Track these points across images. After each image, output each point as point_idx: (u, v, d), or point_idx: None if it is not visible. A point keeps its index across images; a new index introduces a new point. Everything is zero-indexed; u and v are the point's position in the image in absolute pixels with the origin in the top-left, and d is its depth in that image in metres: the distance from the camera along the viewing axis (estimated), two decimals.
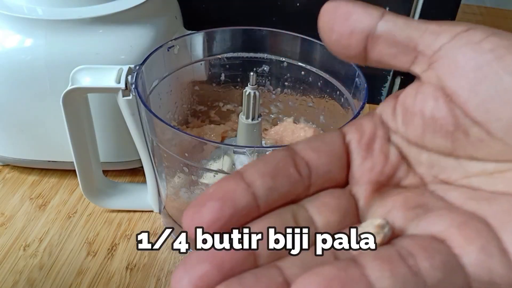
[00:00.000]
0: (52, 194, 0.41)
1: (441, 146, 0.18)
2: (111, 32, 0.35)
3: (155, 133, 0.32)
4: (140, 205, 0.39)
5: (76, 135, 0.33)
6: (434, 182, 0.19)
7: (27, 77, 0.35)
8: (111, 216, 0.39)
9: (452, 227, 0.16)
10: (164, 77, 0.36)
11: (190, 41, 0.37)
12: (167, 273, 0.35)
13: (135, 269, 0.35)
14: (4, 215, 0.39)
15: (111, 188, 0.39)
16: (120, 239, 0.37)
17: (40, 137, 0.39)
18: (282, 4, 0.49)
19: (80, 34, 0.35)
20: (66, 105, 0.32)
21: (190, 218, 0.16)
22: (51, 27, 0.34)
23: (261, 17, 0.51)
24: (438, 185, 0.18)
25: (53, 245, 0.36)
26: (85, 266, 0.35)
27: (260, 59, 0.39)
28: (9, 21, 0.35)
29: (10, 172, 0.42)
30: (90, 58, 0.35)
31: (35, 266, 0.35)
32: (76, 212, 0.39)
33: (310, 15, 0.45)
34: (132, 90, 0.31)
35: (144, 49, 0.36)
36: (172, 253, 0.36)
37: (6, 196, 0.40)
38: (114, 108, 0.33)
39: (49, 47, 0.35)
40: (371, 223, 0.17)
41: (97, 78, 0.32)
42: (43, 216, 0.39)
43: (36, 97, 0.36)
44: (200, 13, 0.50)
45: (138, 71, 0.32)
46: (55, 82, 0.35)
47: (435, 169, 0.19)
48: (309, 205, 0.18)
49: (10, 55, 0.35)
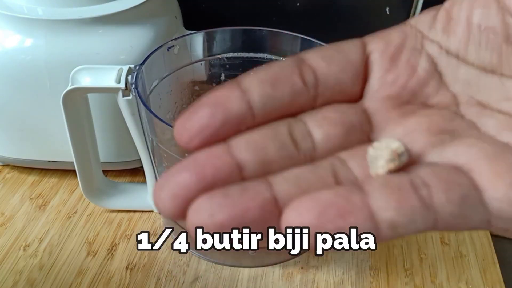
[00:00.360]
0: (52, 194, 0.41)
1: (485, 61, 0.16)
2: (111, 32, 0.35)
3: (155, 133, 0.32)
4: (140, 205, 0.39)
5: (76, 135, 0.33)
6: (468, 103, 0.16)
7: (27, 77, 0.35)
8: (111, 216, 0.39)
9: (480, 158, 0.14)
10: (164, 77, 0.36)
11: (190, 41, 0.37)
12: (167, 273, 0.35)
13: (135, 269, 0.35)
14: (4, 215, 0.39)
15: (111, 188, 0.39)
16: (120, 239, 0.37)
17: (40, 137, 0.39)
18: (282, 4, 0.49)
19: (80, 34, 0.35)
20: (66, 105, 0.32)
21: (180, 126, 0.15)
22: (51, 27, 0.34)
23: (261, 17, 0.51)
24: (473, 108, 0.16)
25: (53, 245, 0.36)
26: (85, 266, 0.35)
27: (260, 59, 0.39)
28: (9, 21, 0.35)
29: (10, 172, 0.42)
30: (90, 58, 0.35)
31: (35, 266, 0.35)
32: (76, 212, 0.39)
33: (310, 15, 0.45)
34: (132, 90, 0.31)
35: (144, 49, 0.36)
36: (172, 253, 0.36)
37: (6, 196, 0.40)
38: (114, 108, 0.33)
39: (49, 47, 0.34)
40: (387, 145, 0.14)
41: (97, 78, 0.32)
42: (43, 216, 0.39)
43: (36, 97, 0.36)
44: (200, 13, 0.50)
45: (138, 71, 0.32)
46: (55, 82, 0.35)
47: (472, 87, 0.16)
48: (309, 119, 0.16)
49: (10, 55, 0.35)
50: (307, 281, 0.34)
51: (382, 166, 0.14)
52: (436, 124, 0.16)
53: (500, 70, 0.16)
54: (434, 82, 0.17)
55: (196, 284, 0.34)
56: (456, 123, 0.16)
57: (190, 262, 0.35)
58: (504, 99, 0.16)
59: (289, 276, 0.35)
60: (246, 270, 0.35)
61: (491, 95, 0.16)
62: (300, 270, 0.35)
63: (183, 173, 0.14)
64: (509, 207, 0.13)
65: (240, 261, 0.35)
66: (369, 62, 0.17)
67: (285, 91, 0.16)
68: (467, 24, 0.16)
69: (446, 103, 0.17)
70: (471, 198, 0.14)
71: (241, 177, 0.15)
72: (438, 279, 0.35)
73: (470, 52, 0.16)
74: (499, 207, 0.13)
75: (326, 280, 0.34)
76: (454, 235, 0.38)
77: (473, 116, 0.16)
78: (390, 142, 0.14)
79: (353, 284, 0.34)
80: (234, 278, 0.34)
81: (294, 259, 0.36)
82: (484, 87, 0.16)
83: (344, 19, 0.47)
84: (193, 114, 0.15)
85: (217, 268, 0.35)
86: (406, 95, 0.17)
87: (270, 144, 0.15)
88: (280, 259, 0.36)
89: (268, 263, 0.35)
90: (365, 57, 0.17)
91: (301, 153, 0.15)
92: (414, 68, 0.17)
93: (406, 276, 0.35)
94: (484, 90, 0.16)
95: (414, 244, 0.37)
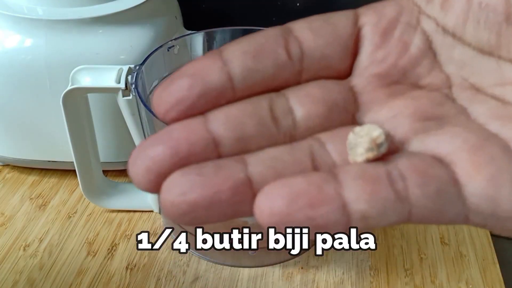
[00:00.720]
0: (52, 194, 0.41)
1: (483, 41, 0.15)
2: (111, 32, 0.35)
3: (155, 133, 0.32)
4: (140, 205, 0.39)
5: (76, 135, 0.33)
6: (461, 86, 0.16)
7: (27, 77, 0.35)
8: (111, 216, 0.39)
9: (462, 150, 0.13)
10: (164, 77, 0.36)
11: (190, 41, 0.37)
12: (167, 273, 0.35)
13: (135, 269, 0.35)
14: (4, 215, 0.39)
15: (111, 188, 0.39)
16: (120, 239, 0.37)
17: (40, 137, 0.39)
18: (282, 4, 0.49)
19: (80, 34, 0.35)
20: (66, 105, 0.32)
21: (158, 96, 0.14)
22: (51, 27, 0.34)
23: (261, 17, 0.51)
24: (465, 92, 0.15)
25: (53, 245, 0.36)
26: (85, 266, 0.35)
27: None
28: (9, 21, 0.35)
29: (10, 172, 0.42)
30: (90, 58, 0.35)
31: (35, 266, 0.35)
32: (76, 212, 0.39)
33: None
34: (132, 90, 0.31)
35: (144, 49, 0.36)
36: (172, 253, 0.36)
37: (6, 196, 0.40)
38: (114, 108, 0.33)
39: (49, 47, 0.34)
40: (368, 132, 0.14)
41: (97, 78, 0.32)
42: (43, 216, 0.39)
43: (36, 97, 0.36)
44: (200, 13, 0.50)
45: (138, 71, 0.32)
46: (55, 82, 0.35)
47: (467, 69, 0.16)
48: (291, 95, 0.15)
49: (10, 55, 0.35)
50: (307, 281, 0.34)
51: (361, 154, 0.14)
52: (423, 109, 0.15)
53: (498, 52, 0.15)
54: (427, 62, 0.16)
55: (196, 284, 0.34)
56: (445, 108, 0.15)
57: (190, 262, 0.35)
58: (499, 84, 0.15)
59: (289, 276, 0.35)
60: (246, 270, 0.35)
61: (486, 78, 0.15)
62: (300, 270, 0.35)
63: (157, 147, 0.14)
64: (487, 203, 0.13)
65: (240, 261, 0.35)
66: (360, 36, 0.16)
67: (268, 64, 0.15)
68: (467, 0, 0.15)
69: (438, 85, 0.16)
70: (448, 192, 0.13)
71: (217, 153, 0.14)
72: (438, 279, 0.35)
73: (467, 31, 0.15)
74: (477, 202, 0.13)
75: (326, 280, 0.34)
76: (454, 235, 0.38)
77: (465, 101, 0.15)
78: (372, 129, 0.14)
79: (353, 284, 0.34)
80: (234, 278, 0.34)
81: (294, 259, 0.36)
82: (479, 70, 0.15)
83: None
84: (171, 85, 0.14)
85: (217, 268, 0.35)
86: (396, 74, 0.16)
87: (249, 120, 0.14)
88: (280, 259, 0.35)
89: (268, 263, 0.35)
90: (356, 31, 0.16)
91: (281, 131, 0.15)
92: (406, 45, 0.16)
93: (406, 276, 0.35)
94: (479, 72, 0.15)
95: (414, 244, 0.37)
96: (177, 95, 0.14)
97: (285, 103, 0.15)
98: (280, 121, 0.15)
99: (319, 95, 0.15)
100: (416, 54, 0.16)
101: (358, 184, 0.13)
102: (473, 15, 0.15)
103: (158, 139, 0.14)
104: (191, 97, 0.14)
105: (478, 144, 0.13)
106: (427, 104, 0.15)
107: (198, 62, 0.15)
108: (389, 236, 0.38)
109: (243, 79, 0.15)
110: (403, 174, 0.13)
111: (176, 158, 0.13)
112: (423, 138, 0.14)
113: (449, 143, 0.14)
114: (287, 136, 0.15)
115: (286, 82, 0.15)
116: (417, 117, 0.15)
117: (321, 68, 0.16)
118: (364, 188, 0.13)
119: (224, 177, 0.13)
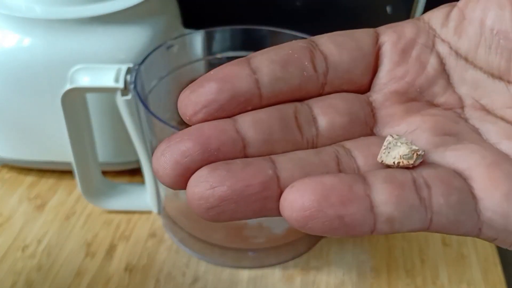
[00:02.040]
0: (50, 195, 0.40)
1: (494, 65, 0.16)
2: (110, 31, 0.35)
3: (154, 133, 0.32)
4: (139, 206, 0.39)
5: (74, 135, 0.33)
6: (473, 106, 0.16)
7: (26, 77, 0.35)
8: (110, 217, 0.39)
9: (480, 166, 0.14)
10: (163, 76, 0.36)
11: (190, 40, 0.37)
12: (166, 274, 0.34)
13: (134, 270, 0.35)
14: (2, 216, 0.38)
15: (110, 188, 0.39)
16: (119, 240, 0.37)
17: (39, 137, 0.39)
18: (282, 4, 0.49)
19: (79, 34, 0.34)
20: (65, 105, 0.31)
21: (186, 97, 0.15)
22: (49, 26, 0.34)
23: (261, 16, 0.50)
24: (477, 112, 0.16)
25: (51, 246, 0.36)
26: (83, 267, 0.35)
27: None
28: (7, 20, 0.34)
29: (8, 172, 0.42)
30: (88, 57, 0.34)
31: (34, 267, 0.35)
32: (74, 213, 0.39)
33: (310, 15, 0.45)
34: (131, 89, 0.31)
35: (143, 48, 0.36)
36: (172, 254, 0.36)
37: (4, 197, 0.40)
38: (113, 108, 0.33)
39: (48, 47, 0.34)
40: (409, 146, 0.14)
41: (96, 78, 0.31)
42: (42, 217, 0.38)
43: (34, 96, 0.36)
44: (199, 12, 0.50)
45: (137, 70, 0.31)
46: (54, 81, 0.35)
47: (478, 91, 0.16)
48: (315, 105, 0.16)
49: (8, 54, 0.35)
50: (307, 282, 0.34)
51: (394, 157, 0.14)
52: (440, 125, 0.16)
53: (507, 77, 0.16)
54: (442, 82, 0.17)
55: (195, 286, 0.34)
56: (459, 126, 0.16)
57: (190, 263, 0.35)
58: (508, 107, 0.16)
59: (289, 277, 0.34)
60: (246, 271, 0.35)
61: (497, 100, 0.16)
62: (301, 271, 0.35)
63: (187, 142, 0.14)
64: (501, 218, 0.14)
65: (239, 262, 0.35)
66: (380, 54, 0.17)
67: (295, 75, 0.16)
68: (480, 26, 0.16)
69: (452, 104, 0.17)
70: (468, 204, 0.14)
71: (244, 154, 0.14)
72: (439, 280, 0.35)
73: (479, 55, 0.16)
74: (491, 217, 0.14)
75: (326, 282, 0.34)
76: (455, 236, 0.38)
77: (476, 121, 0.16)
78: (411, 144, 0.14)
79: (354, 285, 0.34)
80: (234, 280, 0.34)
81: (294, 260, 0.35)
82: (490, 92, 0.16)
83: (345, 18, 0.47)
84: (200, 87, 0.15)
85: (216, 269, 0.35)
86: (413, 91, 0.17)
87: (275, 125, 0.15)
88: (280, 260, 0.35)
89: (268, 264, 0.35)
90: (377, 48, 0.17)
91: (304, 138, 0.15)
92: (423, 65, 0.17)
93: (407, 277, 0.35)
94: (489, 94, 0.16)
95: (415, 245, 0.37)
96: (206, 98, 0.15)
97: (308, 112, 0.16)
98: (304, 129, 0.15)
99: (341, 106, 0.16)
100: (432, 74, 0.17)
101: (386, 188, 0.13)
102: (485, 41, 0.15)
103: (188, 134, 0.14)
104: (220, 101, 0.15)
105: (495, 161, 0.14)
106: (443, 121, 0.16)
107: (227, 68, 0.15)
108: (390, 237, 0.38)
109: (271, 87, 0.15)
110: (427, 183, 0.14)
111: (206, 154, 0.14)
112: (443, 151, 0.15)
113: (467, 159, 0.14)
114: (310, 143, 0.15)
115: (309, 93, 0.16)
116: (435, 131, 0.15)
117: (344, 82, 0.16)
118: (392, 192, 0.13)
119: (253, 172, 0.13)
